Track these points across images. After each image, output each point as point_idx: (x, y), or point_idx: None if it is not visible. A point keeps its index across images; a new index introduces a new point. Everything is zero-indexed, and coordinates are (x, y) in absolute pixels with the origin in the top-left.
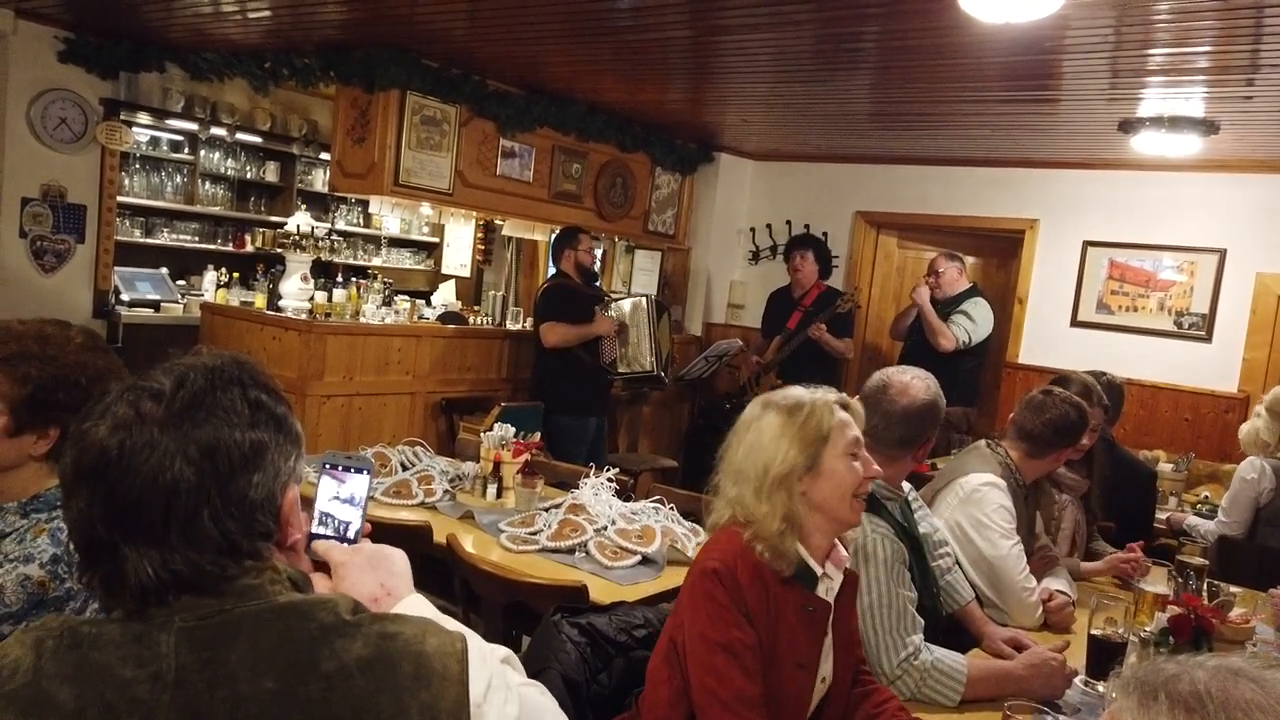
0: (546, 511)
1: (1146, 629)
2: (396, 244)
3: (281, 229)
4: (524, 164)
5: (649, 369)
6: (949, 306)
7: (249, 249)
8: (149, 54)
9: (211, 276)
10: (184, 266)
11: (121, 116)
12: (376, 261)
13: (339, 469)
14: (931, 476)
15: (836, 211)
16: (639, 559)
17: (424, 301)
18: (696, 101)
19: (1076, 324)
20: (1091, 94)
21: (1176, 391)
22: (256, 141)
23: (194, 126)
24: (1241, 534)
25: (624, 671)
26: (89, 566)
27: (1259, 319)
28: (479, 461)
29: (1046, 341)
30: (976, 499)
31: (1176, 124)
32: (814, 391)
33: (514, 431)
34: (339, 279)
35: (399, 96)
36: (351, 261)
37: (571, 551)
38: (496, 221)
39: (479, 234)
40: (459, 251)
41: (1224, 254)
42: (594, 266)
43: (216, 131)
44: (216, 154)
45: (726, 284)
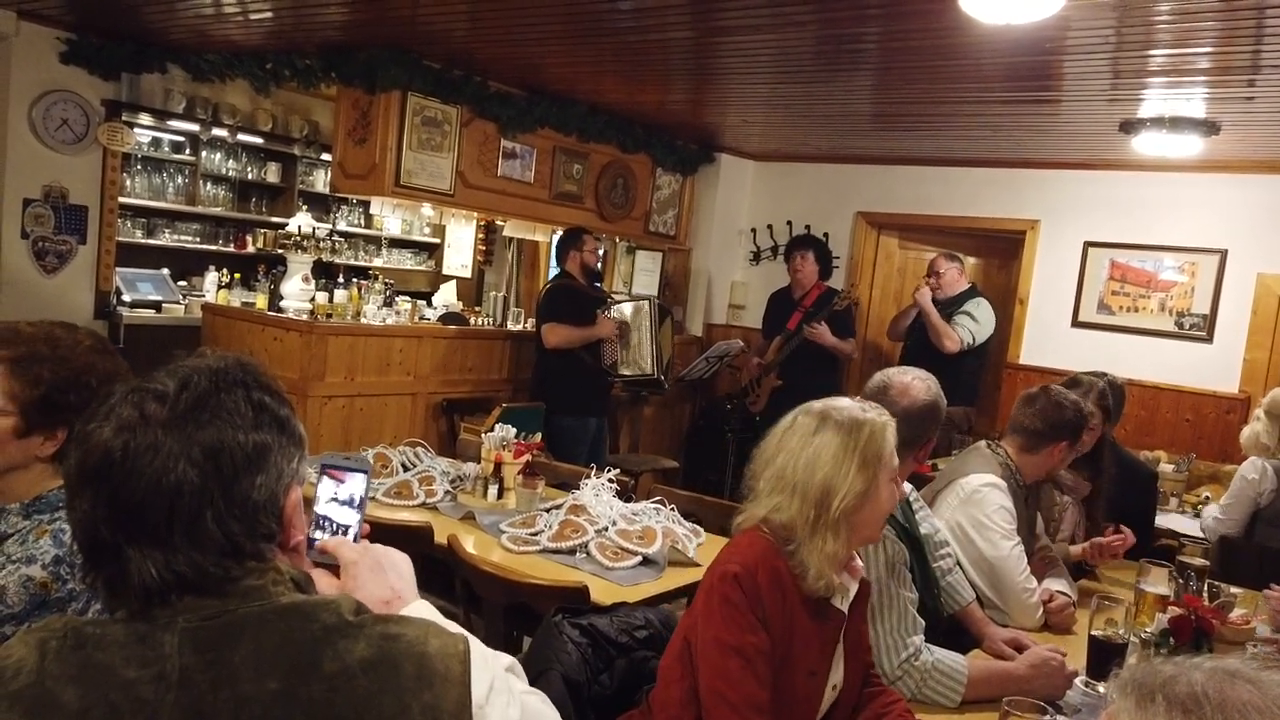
0: (547, 512)
1: (1147, 630)
2: (397, 245)
3: (283, 230)
4: (525, 165)
5: (649, 372)
6: (950, 307)
7: (250, 250)
8: (150, 55)
9: (213, 277)
10: (185, 267)
11: (123, 117)
12: (378, 262)
13: (337, 470)
14: (932, 477)
15: (837, 212)
16: (640, 560)
17: (425, 302)
18: (697, 102)
19: (1077, 324)
20: (1092, 95)
21: (1177, 392)
22: (258, 142)
23: (195, 127)
24: (1237, 533)
25: (625, 672)
26: (93, 567)
27: (1260, 319)
28: (480, 462)
29: (1047, 342)
30: (977, 500)
31: (1177, 124)
32: (865, 409)
33: (515, 432)
34: (340, 280)
35: (400, 97)
36: (353, 262)
37: (572, 552)
38: (497, 222)
39: (480, 235)
40: (460, 252)
41: (1225, 254)
42: (598, 267)
43: (218, 132)
44: (218, 155)
45: (727, 285)
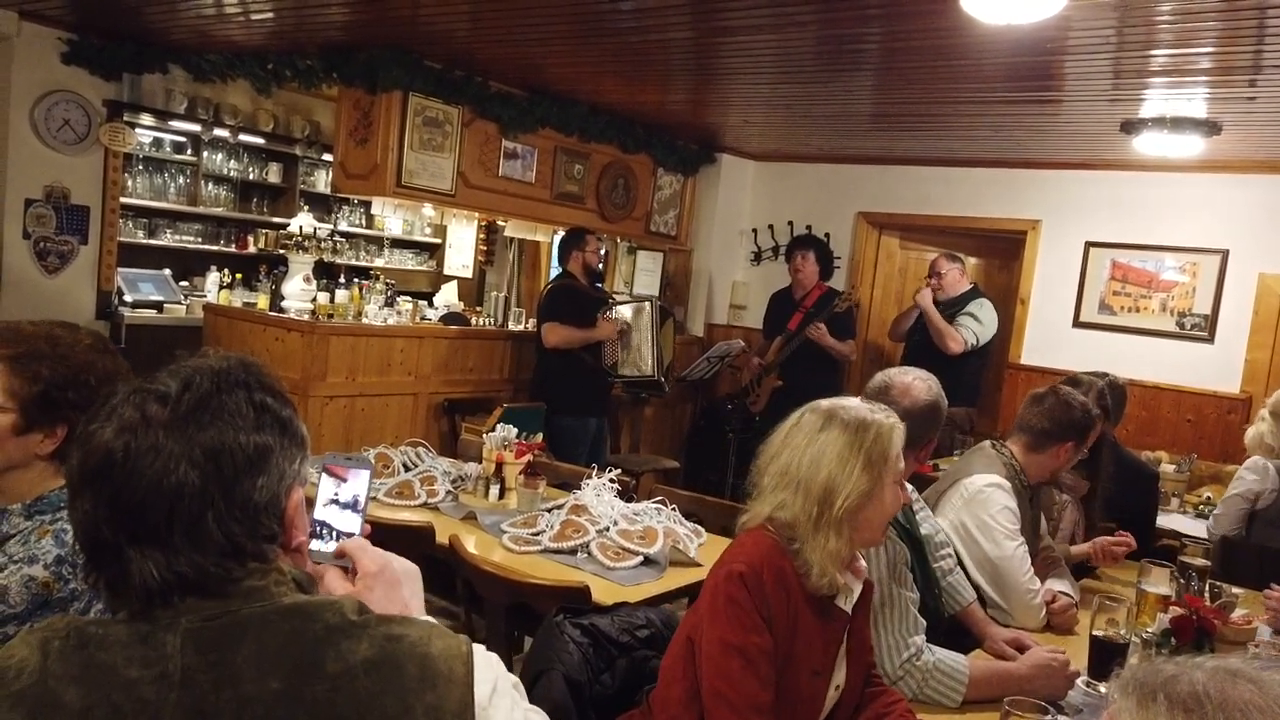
0: (549, 512)
1: (1148, 630)
2: (399, 245)
3: (284, 230)
4: (526, 165)
5: (649, 374)
6: (952, 308)
7: (251, 250)
8: (152, 55)
9: (214, 277)
10: (187, 267)
11: (124, 118)
12: (379, 262)
13: (339, 468)
14: (935, 478)
15: (838, 212)
16: (641, 560)
17: (426, 302)
18: (698, 102)
19: (1079, 325)
20: (1094, 95)
21: (1179, 392)
22: (259, 143)
23: (197, 128)
24: (1230, 532)
25: (627, 672)
26: (94, 568)
27: (1261, 319)
28: (481, 462)
29: (1048, 342)
30: (981, 500)
31: (1179, 125)
32: (874, 409)
33: (516, 432)
34: (341, 280)
35: (401, 98)
36: (354, 262)
37: (574, 552)
38: (499, 222)
39: (481, 235)
40: (461, 252)
41: (1226, 254)
42: (599, 267)
43: (219, 133)
44: (219, 155)
45: (728, 285)
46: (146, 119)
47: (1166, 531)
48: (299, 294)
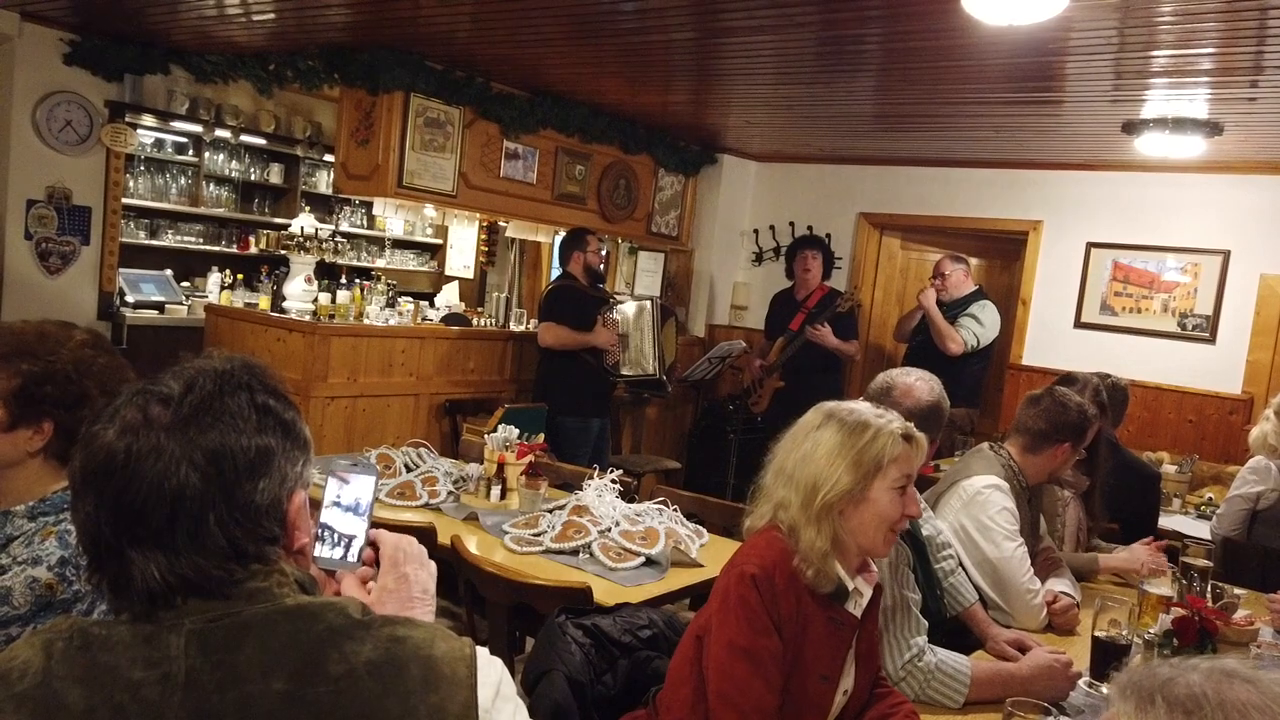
0: (550, 513)
1: (1150, 631)
2: (400, 245)
3: (285, 231)
4: (527, 166)
5: (651, 372)
6: (955, 309)
7: (253, 251)
8: (154, 56)
9: (216, 278)
10: (188, 268)
11: (126, 119)
12: (380, 263)
13: (343, 472)
14: (936, 479)
15: (840, 213)
16: (643, 560)
17: (427, 303)
18: (700, 103)
19: (1080, 325)
20: (1095, 95)
21: (1180, 393)
22: (261, 143)
23: (198, 128)
24: (1232, 532)
25: (629, 673)
26: (96, 569)
27: (1263, 320)
28: (483, 463)
29: (1050, 343)
30: (980, 501)
31: (1180, 125)
32: (881, 414)
33: (517, 433)
34: (343, 280)
35: (403, 98)
36: (355, 263)
37: (575, 553)
38: (500, 223)
39: (482, 235)
40: (462, 253)
41: (1228, 255)
42: (601, 268)
43: (221, 133)
44: (221, 156)
45: (730, 285)
46: (148, 120)
47: (1168, 532)
48: (300, 295)
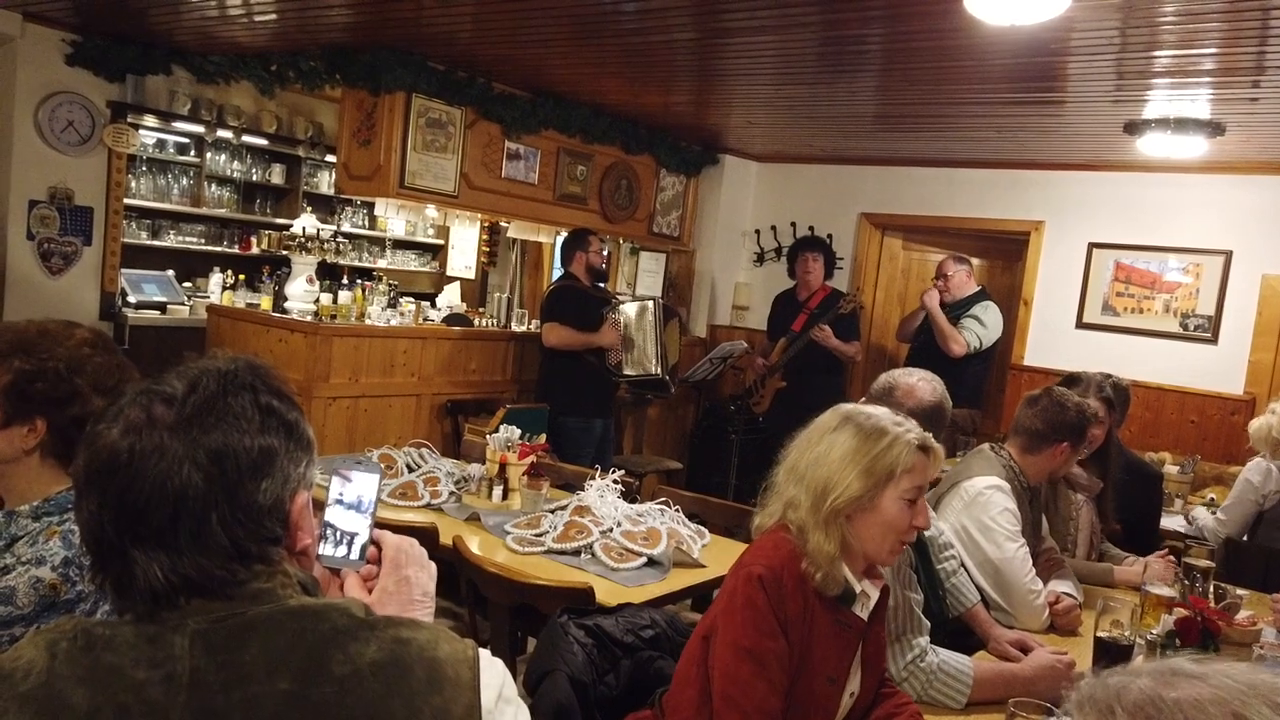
0: (552, 513)
1: (1153, 631)
2: (402, 246)
3: (287, 231)
4: (529, 166)
5: (654, 372)
6: (958, 310)
7: (255, 251)
8: (156, 57)
9: (217, 278)
10: (190, 268)
11: (128, 119)
12: (382, 263)
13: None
14: (937, 480)
15: (841, 213)
16: (645, 561)
17: (429, 303)
18: (701, 104)
19: (1082, 326)
20: (1097, 96)
21: (1182, 394)
22: (262, 144)
23: (200, 129)
24: (1238, 534)
25: (631, 673)
26: (100, 568)
27: (1265, 321)
28: (485, 463)
29: (1052, 343)
30: (981, 502)
31: (1182, 125)
32: (900, 422)
33: (519, 433)
34: (344, 281)
35: (404, 99)
36: (357, 263)
37: (577, 553)
38: (501, 223)
39: (484, 236)
40: (464, 253)
41: (1230, 256)
42: (603, 268)
43: (222, 134)
44: (222, 156)
45: (731, 286)
46: (150, 120)
47: (1170, 533)
48: (302, 295)
